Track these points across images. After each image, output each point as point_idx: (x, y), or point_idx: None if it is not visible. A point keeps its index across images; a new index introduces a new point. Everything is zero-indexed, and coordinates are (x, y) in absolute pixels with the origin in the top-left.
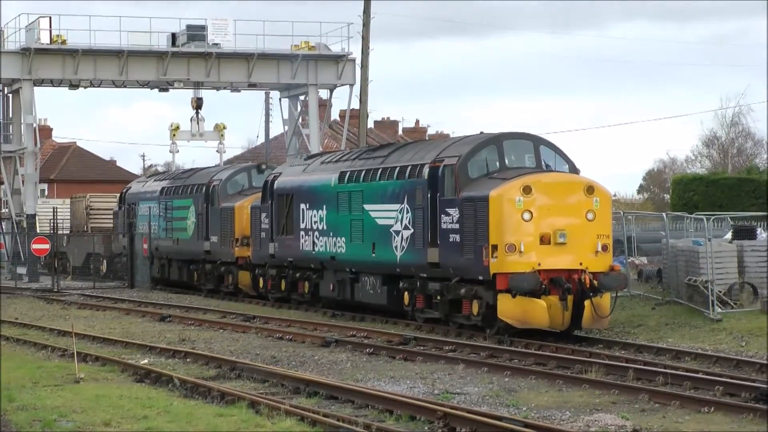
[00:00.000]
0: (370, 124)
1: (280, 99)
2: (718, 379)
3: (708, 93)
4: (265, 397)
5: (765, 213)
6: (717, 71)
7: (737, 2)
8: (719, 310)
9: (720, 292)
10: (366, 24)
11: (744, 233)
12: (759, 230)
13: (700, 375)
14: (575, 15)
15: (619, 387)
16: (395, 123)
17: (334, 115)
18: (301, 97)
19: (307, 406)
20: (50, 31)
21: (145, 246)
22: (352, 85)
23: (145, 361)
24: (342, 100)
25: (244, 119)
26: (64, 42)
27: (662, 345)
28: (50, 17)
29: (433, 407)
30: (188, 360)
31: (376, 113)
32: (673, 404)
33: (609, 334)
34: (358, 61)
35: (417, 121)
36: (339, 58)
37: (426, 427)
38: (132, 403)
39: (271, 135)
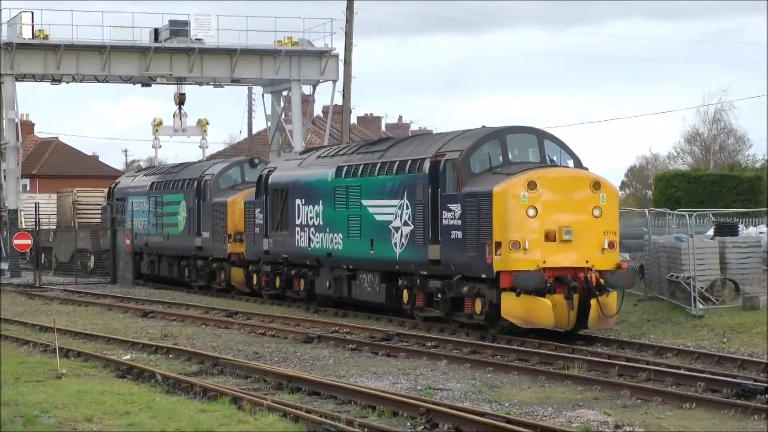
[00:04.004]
0: (354, 120)
1: (263, 94)
2: (700, 375)
3: (690, 90)
4: (247, 392)
5: (747, 210)
6: (699, 68)
7: (731, 1)
8: (701, 306)
9: (702, 288)
10: (349, 20)
11: (726, 230)
12: (741, 227)
13: (682, 371)
14: (568, 12)
15: (602, 383)
16: (378, 119)
17: (317, 110)
18: (284, 93)
19: (289, 402)
20: (32, 26)
21: (128, 241)
22: (335, 81)
23: (128, 356)
24: (325, 95)
25: (226, 115)
26: (46, 37)
27: (644, 341)
28: (32, 12)
29: (415, 403)
30: (170, 356)
31: (359, 109)
32: (655, 400)
33: (591, 330)
34: (342, 57)
35: (400, 117)
36: (322, 54)
37: (408, 423)
38: (114, 398)
39: (254, 131)
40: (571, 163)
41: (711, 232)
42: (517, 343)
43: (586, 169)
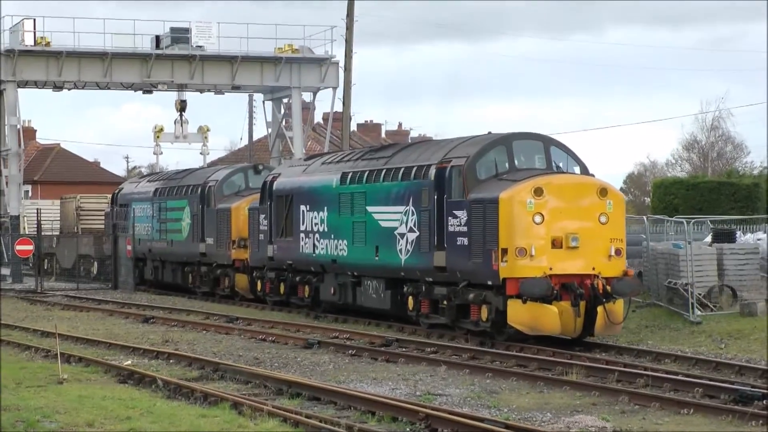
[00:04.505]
0: (354, 127)
1: (263, 101)
2: (698, 381)
3: (688, 97)
4: (248, 398)
5: (745, 217)
6: (698, 75)
7: (729, 5)
8: (699, 312)
9: (700, 294)
10: (349, 27)
11: (724, 236)
12: (738, 233)
13: (679, 377)
14: (568, 19)
15: (600, 389)
16: (378, 126)
17: (318, 117)
18: (285, 100)
19: (289, 407)
20: (34, 33)
21: (129, 247)
22: (335, 88)
23: (129, 362)
24: (325, 102)
25: (227, 121)
26: (48, 44)
27: (642, 347)
28: (34, 19)
29: (414, 408)
30: (171, 361)
31: (359, 116)
32: (653, 406)
33: (597, 337)
34: (342, 64)
35: (400, 124)
36: (322, 61)
37: (408, 429)
38: (115, 403)
39: (255, 137)
40: (577, 169)
41: (709, 238)
42: (515, 349)
43: (593, 175)
